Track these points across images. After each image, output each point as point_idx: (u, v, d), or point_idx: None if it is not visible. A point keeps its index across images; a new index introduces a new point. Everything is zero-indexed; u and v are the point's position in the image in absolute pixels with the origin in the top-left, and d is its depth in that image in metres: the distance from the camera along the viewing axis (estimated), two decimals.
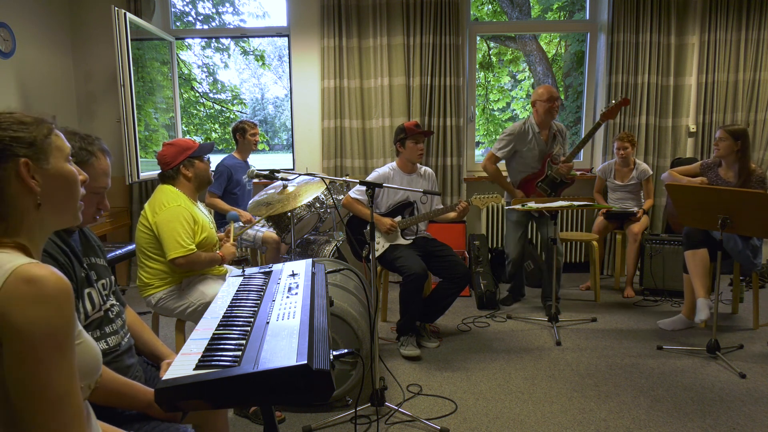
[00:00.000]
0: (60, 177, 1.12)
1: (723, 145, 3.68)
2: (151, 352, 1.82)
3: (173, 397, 1.16)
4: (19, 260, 0.97)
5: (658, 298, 4.50)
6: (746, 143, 3.66)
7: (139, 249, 2.66)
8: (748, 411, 2.69)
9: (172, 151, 2.66)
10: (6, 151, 1.05)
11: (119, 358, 1.56)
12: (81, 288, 1.49)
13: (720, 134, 3.70)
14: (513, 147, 4.12)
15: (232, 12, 8.98)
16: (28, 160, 1.06)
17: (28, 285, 0.93)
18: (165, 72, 5.27)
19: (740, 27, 5.00)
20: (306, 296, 1.63)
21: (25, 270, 0.95)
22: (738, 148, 3.65)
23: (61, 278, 0.97)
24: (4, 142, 1.05)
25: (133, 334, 1.77)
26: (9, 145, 1.05)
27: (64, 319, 0.96)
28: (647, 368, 3.19)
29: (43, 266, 0.97)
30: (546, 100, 4.00)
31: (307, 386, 1.18)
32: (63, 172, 1.12)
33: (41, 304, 0.93)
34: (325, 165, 5.14)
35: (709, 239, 3.62)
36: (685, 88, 5.12)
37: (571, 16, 8.75)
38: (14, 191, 1.05)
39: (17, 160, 1.05)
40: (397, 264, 3.45)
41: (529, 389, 2.96)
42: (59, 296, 0.95)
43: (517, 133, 4.11)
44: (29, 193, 1.06)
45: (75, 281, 1.47)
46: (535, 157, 4.13)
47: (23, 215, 1.06)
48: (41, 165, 1.08)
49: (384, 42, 4.97)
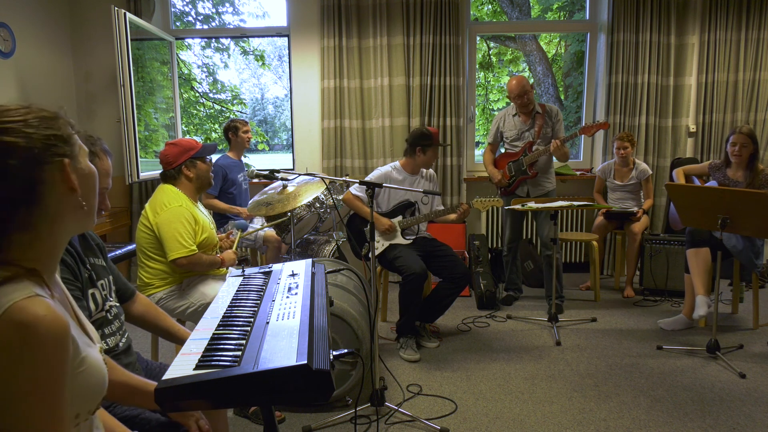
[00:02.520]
0: (90, 176, 1.04)
1: (746, 151, 3.64)
2: (172, 334, 1.86)
3: (173, 397, 1.15)
4: (17, 293, 0.89)
5: (658, 298, 4.50)
6: (758, 145, 3.68)
7: (139, 249, 2.66)
8: (748, 411, 2.69)
9: (175, 151, 2.67)
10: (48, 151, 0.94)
11: (117, 358, 1.56)
12: (86, 288, 1.50)
13: (742, 140, 3.63)
14: (498, 129, 4.36)
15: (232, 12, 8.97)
16: (69, 160, 0.97)
17: (16, 331, 0.85)
18: (165, 72, 5.27)
19: (740, 27, 4.99)
20: (306, 296, 1.63)
21: (18, 309, 0.86)
22: (752, 150, 3.65)
23: (55, 320, 0.88)
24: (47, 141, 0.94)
25: (149, 320, 1.83)
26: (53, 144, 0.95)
27: (50, 368, 0.88)
28: (647, 368, 3.19)
29: (41, 304, 0.88)
30: (514, 98, 4.15)
31: (307, 386, 1.18)
32: (91, 170, 1.04)
33: (27, 354, 0.85)
34: (325, 165, 5.14)
35: (712, 239, 3.62)
36: (685, 88, 5.11)
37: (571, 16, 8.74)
38: (58, 195, 0.96)
39: (62, 161, 0.96)
40: (397, 264, 3.45)
41: (529, 389, 2.96)
42: (48, 343, 0.87)
43: (500, 116, 4.39)
44: (72, 194, 0.98)
45: (80, 281, 1.47)
46: (514, 137, 4.27)
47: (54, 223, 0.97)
48: (75, 165, 1.00)
49: (384, 42, 4.97)
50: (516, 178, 4.22)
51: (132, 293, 1.85)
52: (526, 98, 4.10)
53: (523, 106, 4.16)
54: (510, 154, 4.29)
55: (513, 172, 4.23)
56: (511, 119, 4.27)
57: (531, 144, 4.16)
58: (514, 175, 4.22)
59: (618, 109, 5.09)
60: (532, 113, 4.19)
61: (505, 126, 4.31)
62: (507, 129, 4.30)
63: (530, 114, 4.19)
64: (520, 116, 4.22)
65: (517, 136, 4.24)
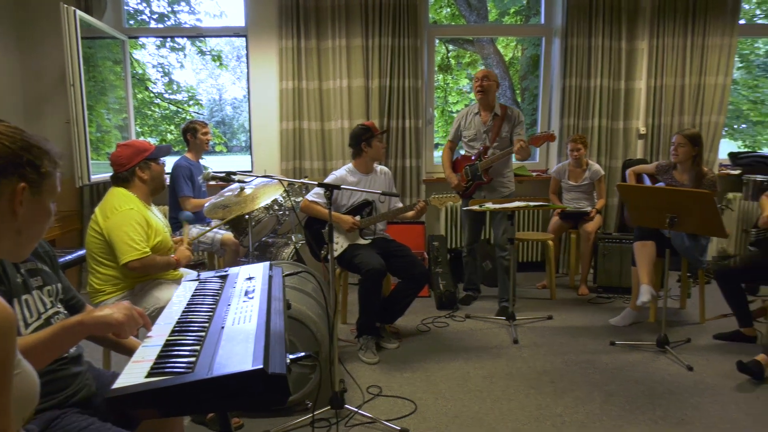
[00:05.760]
0: (43, 213, 1.13)
1: (682, 150, 3.78)
2: (122, 345, 1.75)
3: (123, 406, 1.13)
4: None
5: (611, 295, 4.63)
6: (702, 148, 3.80)
7: (89, 254, 2.58)
8: (695, 402, 2.80)
9: (127, 153, 2.60)
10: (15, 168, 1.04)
11: (65, 367, 1.51)
12: (16, 294, 1.43)
13: (679, 140, 3.78)
14: (458, 128, 4.39)
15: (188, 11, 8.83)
16: (27, 186, 1.06)
17: None
18: (118, 72, 5.13)
19: (686, 33, 5.18)
20: (263, 300, 1.61)
21: None
22: (695, 153, 3.78)
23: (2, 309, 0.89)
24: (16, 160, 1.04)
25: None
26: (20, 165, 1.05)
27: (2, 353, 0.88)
28: (601, 363, 3.28)
29: None
30: (474, 79, 4.20)
31: (264, 391, 1.17)
32: (47, 209, 1.14)
33: None
34: (284, 167, 5.10)
35: (658, 233, 3.75)
36: (635, 92, 5.28)
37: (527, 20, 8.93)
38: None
39: (18, 182, 1.05)
40: (356, 261, 3.44)
41: (487, 387, 3.00)
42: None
43: (462, 114, 4.42)
44: (11, 218, 1.05)
45: (8, 286, 1.41)
46: (473, 137, 4.29)
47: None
48: (34, 196, 1.09)
49: (343, 43, 4.96)
50: (473, 183, 4.26)
51: (81, 305, 1.78)
52: (486, 82, 4.11)
53: (482, 92, 4.13)
54: (467, 157, 4.33)
55: (470, 176, 4.26)
56: (472, 118, 4.29)
57: (486, 149, 4.19)
58: (471, 179, 4.26)
59: (572, 112, 5.22)
60: (492, 112, 4.20)
61: (465, 124, 4.34)
62: (466, 128, 4.33)
63: (491, 110, 4.19)
64: (481, 114, 4.23)
65: (474, 137, 4.28)
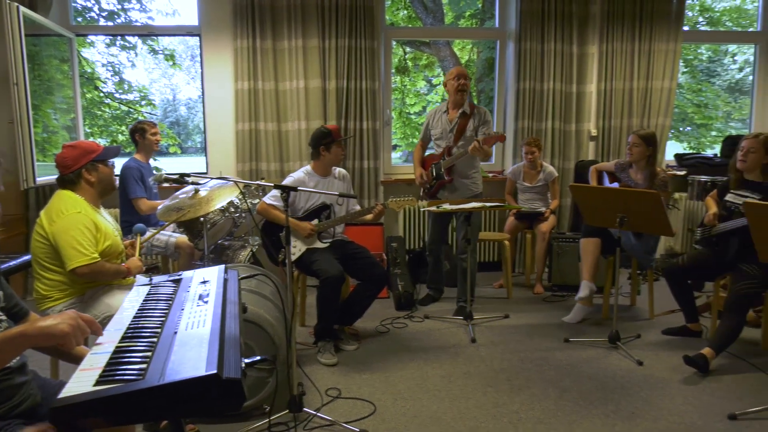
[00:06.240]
0: None
1: (636, 150, 3.89)
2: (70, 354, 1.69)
3: (70, 416, 1.09)
4: None
5: (565, 293, 4.73)
6: (656, 148, 3.93)
7: (35, 260, 2.48)
8: (645, 395, 2.89)
9: (73, 154, 2.51)
10: None
11: (9, 377, 1.45)
12: None
13: (634, 140, 3.90)
14: (427, 126, 4.39)
15: (138, 9, 8.58)
16: None
17: None
18: (65, 70, 4.95)
19: (634, 38, 5.36)
20: (217, 304, 1.58)
21: None
22: (650, 153, 3.90)
23: None
24: None
25: None
26: None
27: None
28: (555, 360, 3.36)
29: None
30: (454, 78, 4.14)
31: (217, 396, 1.15)
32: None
33: None
34: (240, 168, 5.02)
35: (605, 230, 3.85)
36: (587, 95, 5.43)
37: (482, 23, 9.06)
38: None
39: None
40: (314, 267, 3.42)
41: (446, 387, 3.03)
42: None
43: (431, 113, 4.41)
44: None
45: None
46: (439, 136, 4.29)
47: None
48: None
49: (299, 44, 4.92)
50: (437, 182, 4.28)
51: (25, 313, 1.71)
52: (465, 80, 4.10)
53: (462, 90, 4.10)
54: (434, 156, 4.34)
55: (434, 174, 4.28)
56: (440, 116, 4.29)
57: (449, 149, 4.20)
58: (435, 178, 4.28)
59: (526, 114, 5.33)
60: (460, 110, 4.17)
61: (433, 123, 4.33)
62: (434, 126, 4.32)
63: (459, 108, 4.17)
64: (449, 113, 4.22)
65: (440, 135, 4.27)
